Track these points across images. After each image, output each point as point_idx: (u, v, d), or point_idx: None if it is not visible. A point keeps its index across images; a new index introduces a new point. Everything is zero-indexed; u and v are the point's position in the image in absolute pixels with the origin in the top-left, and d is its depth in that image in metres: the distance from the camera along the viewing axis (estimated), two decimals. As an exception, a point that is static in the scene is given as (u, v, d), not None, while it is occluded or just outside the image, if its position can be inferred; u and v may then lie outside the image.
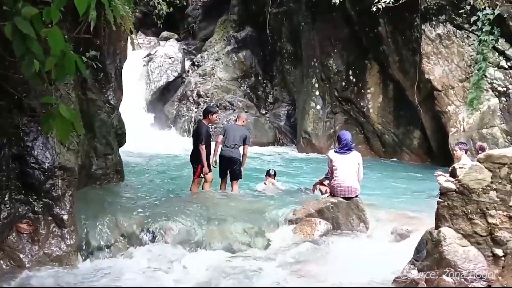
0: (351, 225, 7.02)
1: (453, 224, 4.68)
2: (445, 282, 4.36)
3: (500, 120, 13.48)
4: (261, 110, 23.09)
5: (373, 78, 18.84)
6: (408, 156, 17.73)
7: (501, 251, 4.44)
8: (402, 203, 8.91)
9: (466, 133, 13.94)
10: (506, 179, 4.62)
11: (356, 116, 19.22)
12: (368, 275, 5.10)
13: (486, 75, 13.93)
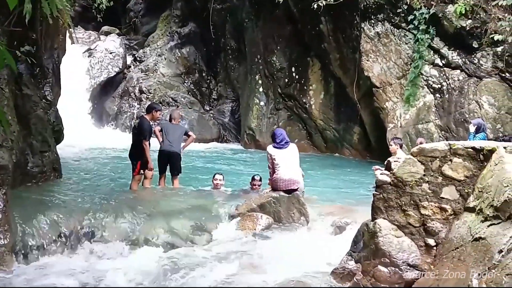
0: (292, 218, 7.14)
1: (388, 215, 4.84)
2: (380, 272, 4.51)
3: (435, 116, 14.04)
4: (205, 106, 23.00)
5: (315, 75, 19.16)
6: (349, 151, 18.17)
7: (433, 241, 4.63)
8: (342, 197, 9.14)
9: (403, 129, 14.43)
10: (437, 172, 4.81)
11: (299, 112, 19.50)
12: (308, 266, 5.21)
13: (422, 73, 14.45)
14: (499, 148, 4.70)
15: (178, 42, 23.66)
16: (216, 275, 5.16)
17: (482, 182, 4.59)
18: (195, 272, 5.29)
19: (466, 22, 13.57)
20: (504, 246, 3.86)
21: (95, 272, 5.55)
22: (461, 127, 13.05)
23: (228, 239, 6.44)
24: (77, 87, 20.91)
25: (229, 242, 6.31)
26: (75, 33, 23.82)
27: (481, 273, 3.88)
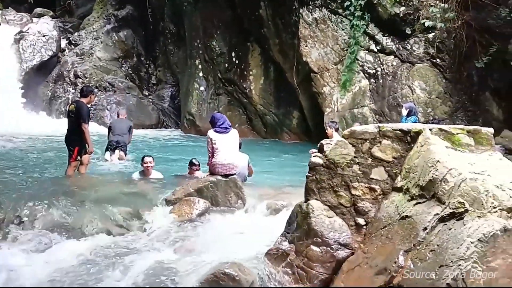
0: (229, 202, 7.16)
1: (320, 196, 4.94)
2: (313, 251, 4.61)
3: (370, 100, 14.44)
4: (143, 91, 22.60)
5: (255, 60, 19.22)
6: (288, 135, 18.42)
7: (363, 220, 4.77)
8: (279, 180, 9.26)
9: (339, 113, 14.76)
10: (367, 153, 4.95)
11: (239, 97, 19.53)
12: (243, 248, 5.24)
13: (357, 58, 14.80)
14: (425, 130, 4.87)
15: (115, 25, 23.05)
16: (150, 261, 5.11)
17: (409, 162, 4.75)
18: (129, 259, 5.22)
19: (399, 9, 13.99)
20: (429, 224, 4.03)
21: (23, 263, 5.35)
22: (394, 111, 13.50)
23: (164, 224, 6.38)
24: (7, 71, 19.96)
25: (165, 228, 6.26)
26: (5, 15, 22.77)
27: (407, 250, 4.04)
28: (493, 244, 3.53)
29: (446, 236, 3.79)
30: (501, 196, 3.83)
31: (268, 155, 13.88)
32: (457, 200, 3.95)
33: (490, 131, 4.84)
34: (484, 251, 3.51)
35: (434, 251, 3.78)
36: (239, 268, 4.38)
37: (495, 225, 3.60)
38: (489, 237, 3.55)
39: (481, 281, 3.45)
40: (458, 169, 4.16)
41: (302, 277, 4.56)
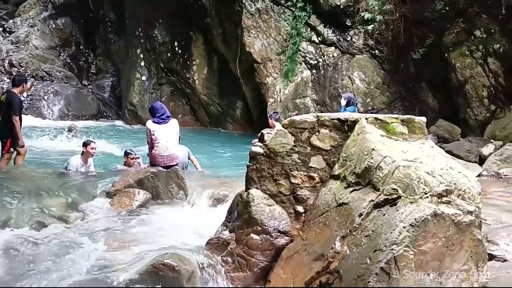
0: (170, 193, 7.10)
1: (261, 185, 4.98)
2: (253, 240, 4.66)
3: (312, 91, 14.65)
4: (83, 81, 21.97)
5: (198, 50, 19.07)
6: (232, 126, 18.43)
7: (302, 208, 4.86)
8: (222, 170, 9.26)
9: (282, 103, 14.90)
10: (306, 143, 5.02)
11: (182, 87, 19.33)
12: (184, 239, 5.24)
13: (300, 49, 14.96)
14: (361, 119, 4.99)
15: (53, 13, 22.23)
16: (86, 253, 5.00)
17: (346, 151, 4.86)
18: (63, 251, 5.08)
19: (340, 1, 14.24)
20: (364, 210, 4.15)
21: None
22: (335, 101, 13.75)
23: (102, 216, 6.25)
24: None
25: (103, 219, 6.13)
26: None
27: (344, 236, 4.14)
28: (424, 229, 3.68)
29: (380, 222, 3.91)
30: (432, 182, 3.98)
31: (211, 145, 13.86)
32: (390, 186, 4.07)
33: (423, 120, 5.02)
34: (416, 235, 3.65)
35: (369, 236, 3.89)
36: (179, 258, 4.36)
37: (426, 210, 3.74)
38: (420, 222, 3.69)
39: (413, 264, 3.59)
40: (392, 157, 4.29)
41: (242, 265, 4.59)
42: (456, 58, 12.50)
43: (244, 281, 4.51)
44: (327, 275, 3.95)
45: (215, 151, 12.75)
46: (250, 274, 4.54)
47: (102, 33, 22.24)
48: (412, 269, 3.57)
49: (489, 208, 7.16)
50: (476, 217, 3.88)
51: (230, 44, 17.33)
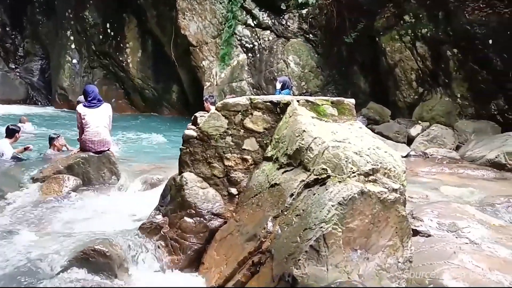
0: (102, 178, 6.93)
1: (194, 168, 4.96)
2: (186, 223, 4.64)
3: (248, 74, 14.68)
4: (9, 64, 20.94)
5: (131, 32, 18.62)
6: (168, 110, 18.20)
7: (235, 190, 4.88)
8: (157, 155, 9.13)
9: (218, 87, 14.85)
10: (239, 125, 5.04)
11: (116, 71, 18.85)
12: (117, 224, 5.15)
13: (235, 32, 14.91)
14: (293, 101, 5.05)
15: (-26, -8, 20.98)
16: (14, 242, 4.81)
17: (278, 133, 4.91)
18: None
19: (274, -16, 14.28)
20: (295, 190, 4.22)
21: None
22: (270, 84, 13.85)
23: (30, 203, 6.02)
24: None
25: (32, 207, 5.91)
26: None
27: (276, 216, 4.20)
28: (352, 207, 3.79)
29: (311, 201, 3.99)
30: (359, 161, 4.10)
31: (146, 130, 13.60)
32: (320, 167, 4.16)
33: (352, 102, 5.14)
34: (344, 213, 3.75)
35: (300, 215, 3.97)
36: (110, 244, 4.28)
37: (354, 189, 3.85)
38: (348, 200, 3.79)
39: (341, 241, 3.70)
40: (322, 138, 4.38)
41: (175, 249, 4.57)
42: (386, 42, 12.88)
43: (177, 264, 4.50)
44: (259, 254, 4.00)
45: (150, 135, 12.54)
46: (183, 257, 4.53)
47: (29, 14, 21.22)
48: (340, 246, 3.67)
49: (416, 186, 7.50)
50: (400, 195, 4.04)
51: (164, 27, 17.03)
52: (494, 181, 8.39)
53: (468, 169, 8.98)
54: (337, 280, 3.48)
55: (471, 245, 4.71)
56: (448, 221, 5.08)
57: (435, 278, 4.15)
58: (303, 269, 3.56)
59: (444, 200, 6.32)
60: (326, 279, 3.52)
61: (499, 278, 4.24)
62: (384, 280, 3.74)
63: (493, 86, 11.44)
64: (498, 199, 6.72)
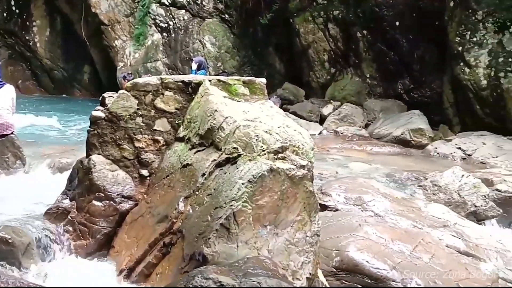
0: (6, 163, 6.57)
1: (103, 151, 4.82)
2: (95, 206, 4.52)
3: (163, 54, 14.43)
4: None
5: (38, 10, 17.66)
6: (79, 91, 17.56)
7: (146, 172, 4.80)
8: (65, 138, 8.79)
9: (132, 67, 14.50)
10: (150, 105, 4.94)
11: (22, 50, 17.84)
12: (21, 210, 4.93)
13: (149, 11, 14.56)
14: (205, 81, 5.02)
15: None
16: None
17: (190, 113, 4.88)
18: None
19: (189, -38, 14.04)
20: (207, 170, 4.22)
21: None
22: (186, 65, 13.71)
23: None
24: None
25: None
26: None
27: (187, 196, 4.19)
28: (261, 184, 3.85)
29: (222, 180, 4.01)
30: (269, 140, 4.16)
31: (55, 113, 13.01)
32: (231, 146, 4.18)
33: (263, 81, 5.19)
34: (253, 191, 3.81)
35: (211, 195, 3.98)
36: (13, 230, 4.08)
37: (263, 167, 3.91)
38: (257, 178, 3.85)
39: (251, 218, 3.76)
40: (233, 117, 4.39)
41: (84, 233, 4.45)
42: (300, 24, 13.11)
43: (86, 249, 4.39)
44: (171, 235, 3.99)
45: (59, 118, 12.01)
46: (92, 242, 4.42)
47: None
48: (250, 223, 3.73)
49: (326, 163, 7.78)
50: (308, 171, 4.15)
51: (74, 4, 16.31)
52: (399, 156, 8.89)
53: (376, 146, 9.44)
54: (247, 256, 3.54)
55: (375, 218, 4.97)
56: (355, 195, 5.32)
57: (341, 250, 4.35)
58: (213, 247, 3.59)
59: (352, 175, 6.61)
60: (236, 256, 3.57)
61: (401, 247, 4.52)
62: (293, 254, 3.86)
63: (400, 67, 12.02)
64: (402, 174, 7.13)
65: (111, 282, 3.98)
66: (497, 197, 6.38)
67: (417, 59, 11.71)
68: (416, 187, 6.63)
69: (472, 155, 8.58)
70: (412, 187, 6.68)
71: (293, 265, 3.81)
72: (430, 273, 4.24)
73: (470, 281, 4.32)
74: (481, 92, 9.96)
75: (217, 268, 3.01)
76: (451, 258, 4.53)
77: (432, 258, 4.44)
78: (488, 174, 6.93)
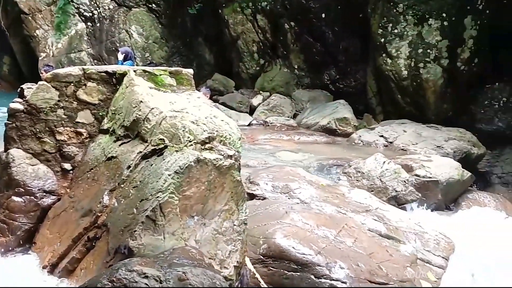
0: None
1: (22, 144, 4.64)
2: (14, 202, 4.35)
3: (87, 44, 13.98)
4: None
5: None
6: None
7: (69, 165, 4.67)
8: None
9: (55, 58, 13.96)
10: (72, 97, 4.80)
11: None
12: None
13: (72, 0, 14.04)
14: (129, 71, 4.93)
15: None
16: None
17: (115, 104, 4.78)
18: None
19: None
20: (132, 162, 4.16)
21: None
22: (112, 55, 13.36)
23: None
24: None
25: None
26: None
27: (112, 189, 4.12)
28: (188, 175, 3.85)
29: (148, 172, 3.97)
30: (196, 130, 4.16)
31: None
32: (158, 137, 4.14)
33: (190, 72, 5.17)
34: (180, 182, 3.80)
35: (137, 187, 3.94)
36: None
37: (190, 157, 3.91)
38: (184, 169, 3.84)
39: (178, 209, 3.75)
40: (159, 108, 4.35)
41: (3, 230, 4.28)
42: (229, 14, 13.10)
43: (6, 246, 4.22)
44: (95, 229, 3.91)
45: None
46: (13, 238, 4.26)
47: None
48: (177, 214, 3.73)
49: (256, 152, 7.87)
50: (235, 161, 4.19)
51: (-10, -9, 15.41)
52: (326, 145, 9.13)
53: (304, 135, 9.64)
54: (173, 247, 3.53)
55: (301, 205, 5.10)
56: (282, 183, 5.43)
57: (268, 238, 4.44)
58: (139, 240, 3.56)
59: (280, 164, 6.72)
60: (163, 248, 3.55)
61: (325, 233, 4.67)
62: (221, 244, 3.89)
63: (326, 58, 12.30)
64: (328, 161, 7.34)
65: (33, 279, 3.85)
66: (416, 182, 6.71)
67: (342, 50, 12.03)
68: (341, 174, 6.84)
69: (394, 142, 8.96)
70: (338, 174, 6.89)
71: (220, 254, 3.84)
72: (353, 257, 4.41)
73: (391, 262, 4.53)
74: (402, 82, 10.39)
75: (142, 260, 2.99)
76: (373, 241, 4.73)
77: (355, 242, 4.62)
78: (408, 160, 7.27)
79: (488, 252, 5.21)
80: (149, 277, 2.69)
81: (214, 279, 2.80)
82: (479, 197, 7.34)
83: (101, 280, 2.69)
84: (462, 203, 7.19)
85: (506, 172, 9.35)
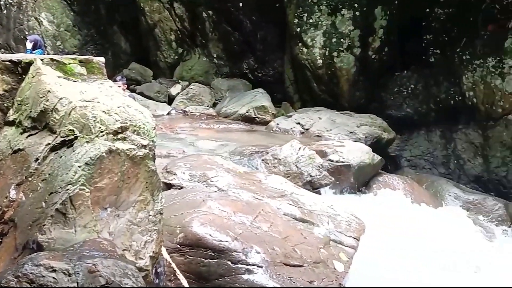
0: None
1: None
2: None
3: (-7, 32, 13.23)
4: None
5: None
6: None
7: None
8: None
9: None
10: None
11: None
12: None
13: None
14: (36, 60, 4.73)
15: None
16: None
17: (21, 95, 4.58)
18: None
19: None
20: (40, 154, 4.02)
21: None
22: (21, 44, 12.72)
23: None
24: None
25: None
26: None
27: (19, 183, 3.96)
28: (100, 166, 3.76)
29: (57, 164, 3.85)
30: (108, 120, 4.06)
31: None
32: (67, 128, 4.01)
33: (101, 60, 5.03)
34: (91, 173, 3.71)
35: (46, 180, 3.81)
36: None
37: (101, 148, 3.82)
38: (95, 160, 3.75)
39: (89, 201, 3.67)
40: (69, 98, 4.21)
41: None
42: (145, 2, 12.85)
43: None
44: (2, 225, 3.75)
45: None
46: None
47: None
48: (89, 206, 3.64)
49: (174, 142, 7.82)
50: (150, 150, 4.14)
51: None
52: (245, 133, 9.24)
53: (223, 124, 9.70)
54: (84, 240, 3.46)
55: (219, 192, 5.15)
56: (199, 172, 5.45)
57: (185, 226, 4.45)
58: (48, 234, 3.45)
59: (198, 153, 6.74)
60: (75, 241, 3.46)
61: (242, 219, 4.75)
62: (136, 235, 3.85)
63: (244, 47, 12.39)
64: (247, 149, 7.44)
65: None
66: (330, 167, 6.97)
67: (260, 40, 12.16)
68: (259, 161, 6.97)
69: (310, 129, 9.22)
70: (256, 161, 7.00)
71: (135, 245, 3.80)
72: (268, 241, 4.53)
73: (305, 244, 4.69)
74: (317, 70, 10.68)
75: (49, 254, 2.91)
76: (288, 225, 4.88)
77: (271, 226, 4.74)
78: (322, 146, 7.53)
79: (395, 231, 5.53)
80: (57, 271, 2.63)
81: (126, 269, 2.78)
82: (388, 179, 7.74)
83: (6, 277, 2.59)
84: (373, 185, 7.55)
85: (414, 155, 9.93)
